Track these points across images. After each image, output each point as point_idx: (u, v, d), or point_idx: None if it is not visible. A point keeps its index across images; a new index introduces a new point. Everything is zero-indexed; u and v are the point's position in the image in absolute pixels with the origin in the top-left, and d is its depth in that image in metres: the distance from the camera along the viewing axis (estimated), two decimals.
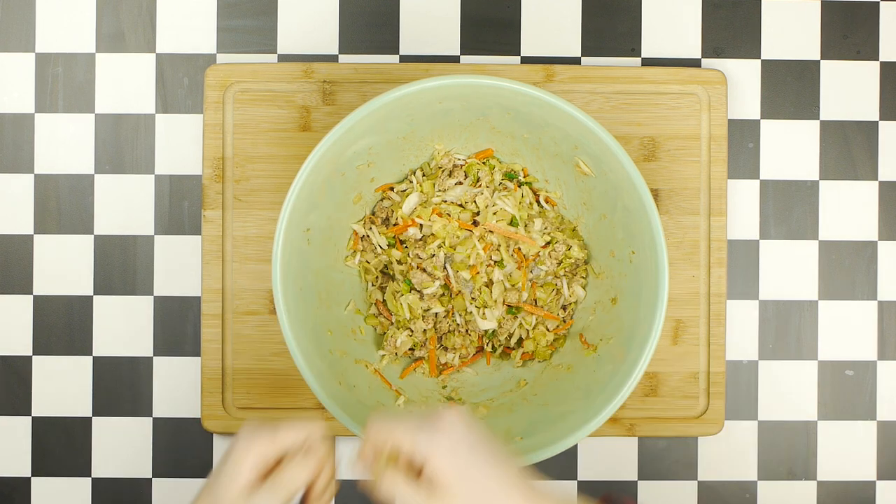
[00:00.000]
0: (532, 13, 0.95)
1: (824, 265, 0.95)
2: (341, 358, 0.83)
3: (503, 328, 0.88)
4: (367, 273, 0.89)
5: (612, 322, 0.85)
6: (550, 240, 0.87)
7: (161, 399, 0.94)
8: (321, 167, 0.78)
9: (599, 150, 0.78)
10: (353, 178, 0.84)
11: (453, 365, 0.89)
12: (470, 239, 0.86)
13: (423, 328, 0.87)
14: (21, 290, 0.94)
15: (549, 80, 0.93)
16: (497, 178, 0.87)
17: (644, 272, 0.80)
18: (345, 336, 0.86)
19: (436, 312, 0.87)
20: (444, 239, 0.86)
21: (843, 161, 0.95)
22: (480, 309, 0.87)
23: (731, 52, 0.95)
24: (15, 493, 0.94)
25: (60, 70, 0.94)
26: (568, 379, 0.85)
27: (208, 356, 0.92)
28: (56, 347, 0.94)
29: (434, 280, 0.87)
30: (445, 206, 0.86)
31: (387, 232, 0.88)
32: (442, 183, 0.87)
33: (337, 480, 0.73)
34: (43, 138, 0.94)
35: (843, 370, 0.95)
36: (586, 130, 0.77)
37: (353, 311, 0.88)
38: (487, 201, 0.87)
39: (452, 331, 0.88)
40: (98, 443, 0.94)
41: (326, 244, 0.85)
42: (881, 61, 0.96)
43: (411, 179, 0.88)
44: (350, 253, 0.88)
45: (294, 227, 0.78)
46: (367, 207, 0.88)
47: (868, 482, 0.95)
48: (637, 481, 0.95)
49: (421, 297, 0.87)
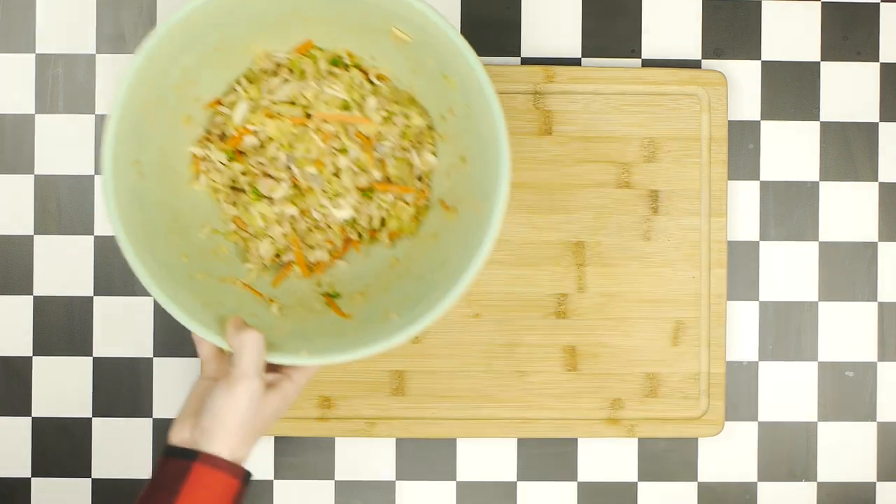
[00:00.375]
0: (532, 14, 0.95)
1: (824, 266, 0.95)
2: (204, 280, 0.82)
3: (362, 213, 0.87)
4: (216, 193, 0.87)
5: (466, 179, 0.84)
6: (388, 114, 0.86)
7: (161, 400, 0.94)
8: (134, 98, 0.77)
9: (403, 10, 0.78)
10: (174, 101, 0.83)
11: (324, 261, 0.88)
12: (307, 133, 0.85)
13: (283, 232, 0.87)
14: (21, 290, 0.94)
15: (549, 81, 0.93)
16: (323, 67, 0.86)
17: (482, 119, 0.79)
18: (204, 259, 0.84)
19: (291, 214, 0.87)
20: (281, 139, 0.85)
21: (844, 162, 0.95)
22: (334, 199, 0.87)
23: (732, 53, 0.95)
24: (15, 494, 0.94)
25: (61, 71, 0.94)
26: (436, 247, 0.84)
27: None
28: (56, 348, 0.94)
29: (280, 182, 0.86)
30: (276, 107, 0.85)
31: (224, 147, 0.86)
32: (268, 84, 0.86)
33: None
34: (43, 139, 0.94)
35: (843, 371, 0.95)
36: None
37: (211, 233, 0.87)
38: (316, 92, 0.85)
39: (312, 228, 0.87)
40: (98, 443, 0.94)
41: (165, 174, 0.83)
42: (881, 62, 0.96)
43: (237, 89, 0.86)
44: (195, 176, 0.87)
45: (122, 164, 0.77)
46: (200, 127, 0.86)
47: (868, 483, 0.95)
48: (637, 482, 0.95)
49: (271, 201, 0.86)
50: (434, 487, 0.94)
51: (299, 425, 0.93)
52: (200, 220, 0.86)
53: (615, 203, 0.93)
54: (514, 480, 0.94)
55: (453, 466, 0.94)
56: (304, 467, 0.94)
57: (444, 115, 0.85)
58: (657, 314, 0.93)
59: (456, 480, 0.94)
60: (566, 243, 0.94)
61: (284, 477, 0.94)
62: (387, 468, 0.94)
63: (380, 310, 0.82)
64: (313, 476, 0.94)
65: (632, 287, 0.93)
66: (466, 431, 0.93)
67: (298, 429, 0.93)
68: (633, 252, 0.93)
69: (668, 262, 0.93)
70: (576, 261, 0.93)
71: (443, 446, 0.94)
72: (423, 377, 0.93)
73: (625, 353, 0.93)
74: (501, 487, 0.94)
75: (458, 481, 0.94)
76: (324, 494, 0.94)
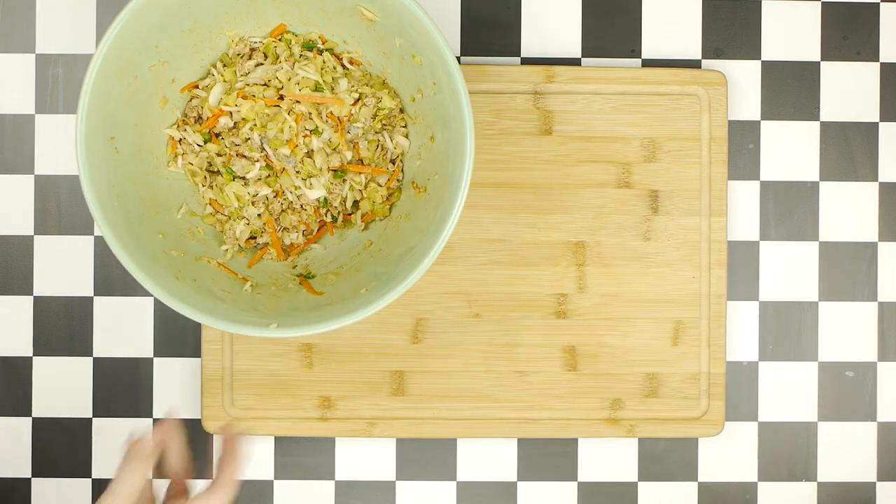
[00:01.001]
0: (532, 13, 0.95)
1: (824, 266, 0.95)
2: (178, 257, 0.84)
3: (334, 194, 0.88)
4: (194, 175, 0.89)
5: (435, 159, 0.85)
6: (359, 96, 0.88)
7: (161, 400, 0.94)
8: (108, 72, 0.78)
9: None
10: (149, 81, 0.84)
11: (299, 244, 0.89)
12: (280, 114, 0.87)
13: (257, 213, 0.88)
14: (21, 290, 0.94)
15: (549, 81, 0.93)
16: (296, 51, 0.88)
17: (447, 96, 0.80)
18: (180, 238, 0.86)
19: (265, 195, 0.88)
20: (254, 120, 0.87)
21: (844, 162, 0.95)
22: (307, 180, 0.88)
23: (732, 53, 0.95)
24: (15, 494, 0.94)
25: (61, 71, 0.94)
26: (407, 226, 0.86)
27: (209, 357, 0.92)
28: (56, 348, 0.94)
29: (254, 163, 0.87)
30: (250, 89, 0.87)
31: (200, 129, 0.88)
32: (242, 67, 0.88)
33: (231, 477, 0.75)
34: (43, 139, 0.94)
35: (843, 371, 0.95)
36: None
37: (188, 214, 0.88)
38: (289, 73, 0.87)
39: (286, 209, 0.89)
40: (98, 444, 0.94)
41: (140, 152, 0.85)
42: (881, 62, 0.95)
43: (213, 73, 0.88)
44: (172, 158, 0.88)
45: (95, 136, 0.79)
46: (176, 110, 0.88)
47: (868, 483, 0.95)
48: (637, 482, 0.95)
49: (245, 182, 0.88)
50: (434, 487, 0.94)
51: (299, 425, 0.93)
52: (177, 201, 0.87)
53: (615, 203, 0.93)
54: (515, 480, 0.94)
55: (453, 466, 0.94)
56: (304, 467, 0.94)
57: (413, 96, 0.87)
58: (657, 314, 0.93)
59: (456, 480, 0.94)
60: (566, 243, 0.94)
61: (284, 477, 0.94)
62: (387, 468, 0.94)
63: (350, 287, 0.83)
64: (313, 476, 0.94)
65: (632, 287, 0.93)
66: (466, 431, 0.93)
67: (298, 429, 0.93)
68: (633, 252, 0.93)
69: (668, 262, 0.93)
70: (576, 261, 0.93)
71: (443, 446, 0.94)
72: (423, 377, 0.93)
73: (625, 353, 0.93)
74: (501, 487, 0.94)
75: (458, 481, 0.94)
76: (324, 494, 0.94)
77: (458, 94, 0.78)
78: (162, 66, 0.84)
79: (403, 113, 0.89)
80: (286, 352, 0.93)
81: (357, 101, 0.88)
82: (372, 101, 0.88)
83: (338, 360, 0.93)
